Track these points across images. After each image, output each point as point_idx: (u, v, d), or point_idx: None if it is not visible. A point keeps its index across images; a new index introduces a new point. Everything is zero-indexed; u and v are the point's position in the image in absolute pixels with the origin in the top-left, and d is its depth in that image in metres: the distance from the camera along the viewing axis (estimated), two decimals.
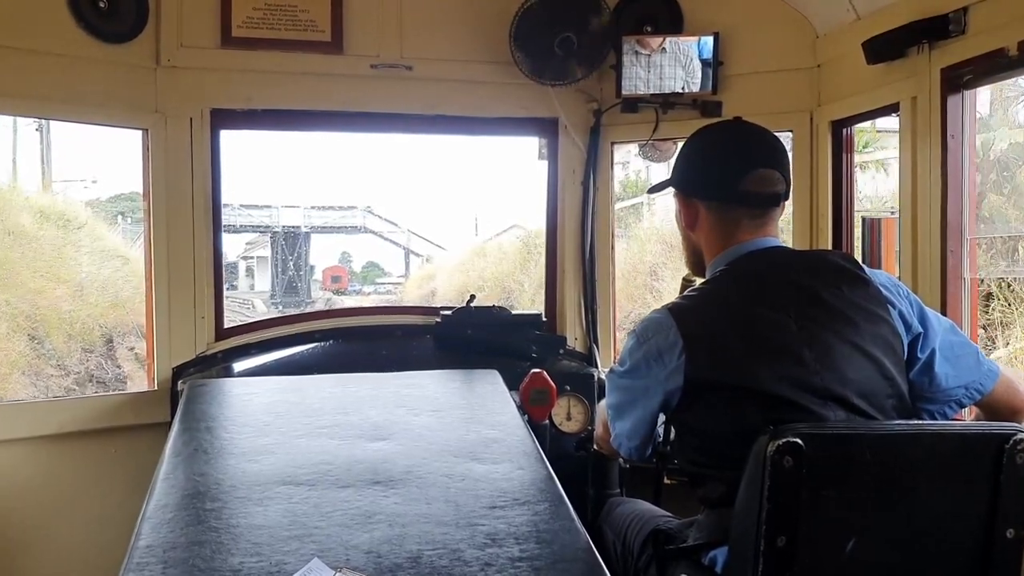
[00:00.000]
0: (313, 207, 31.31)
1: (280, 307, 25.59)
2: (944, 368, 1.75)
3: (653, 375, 1.73)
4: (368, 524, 1.67)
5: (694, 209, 1.91)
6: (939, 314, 1.85)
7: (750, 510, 1.45)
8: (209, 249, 3.16)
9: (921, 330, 1.75)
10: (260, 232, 30.98)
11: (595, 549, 1.64)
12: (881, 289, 1.75)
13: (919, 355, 1.75)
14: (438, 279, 15.86)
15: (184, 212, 3.10)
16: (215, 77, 3.11)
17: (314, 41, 3.16)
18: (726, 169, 1.86)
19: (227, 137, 3.20)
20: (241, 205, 27.72)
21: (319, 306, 24.41)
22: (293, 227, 30.37)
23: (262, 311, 21.67)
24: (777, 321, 1.69)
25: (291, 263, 30.11)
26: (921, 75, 2.53)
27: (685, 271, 2.25)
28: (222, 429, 2.30)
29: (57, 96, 2.91)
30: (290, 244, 30.19)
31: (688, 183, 1.94)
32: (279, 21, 3.12)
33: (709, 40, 3.15)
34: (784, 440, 1.40)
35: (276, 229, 30.30)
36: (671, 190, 1.99)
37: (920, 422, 1.72)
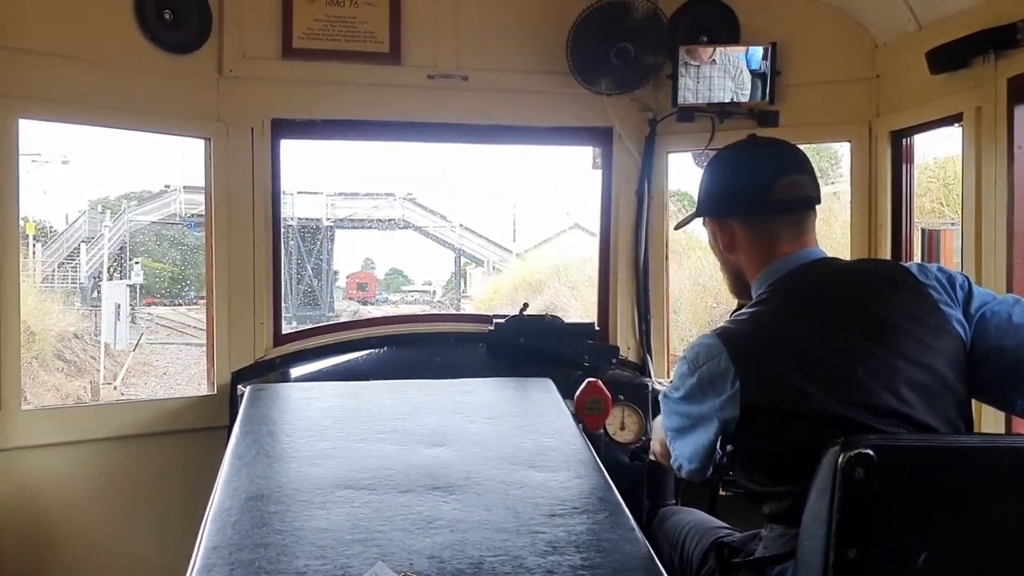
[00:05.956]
0: (338, 194, 24.65)
1: (294, 323, 16.30)
2: None
3: (708, 402, 1.72)
4: (429, 529, 1.68)
5: (729, 230, 1.90)
6: (994, 293, 1.76)
7: (820, 522, 1.43)
8: (268, 255, 3.21)
9: (989, 314, 1.68)
10: None
11: (656, 559, 1.63)
12: (933, 293, 1.69)
13: (994, 340, 1.67)
14: (553, 291, 11.05)
15: (244, 219, 3.16)
16: (276, 87, 3.17)
17: (373, 52, 3.21)
18: (756, 181, 1.85)
19: None
20: None
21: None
22: (312, 220, 24.09)
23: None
24: (827, 340, 1.66)
25: (309, 267, 24.14)
26: (986, 85, 2.50)
27: None
28: (283, 433, 2.33)
29: (122, 105, 2.98)
30: (308, 243, 24.08)
31: (720, 205, 1.93)
32: (339, 32, 3.18)
33: (758, 50, 3.14)
34: (856, 452, 1.38)
35: (290, 223, 22.57)
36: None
37: (993, 435, 1.69)
